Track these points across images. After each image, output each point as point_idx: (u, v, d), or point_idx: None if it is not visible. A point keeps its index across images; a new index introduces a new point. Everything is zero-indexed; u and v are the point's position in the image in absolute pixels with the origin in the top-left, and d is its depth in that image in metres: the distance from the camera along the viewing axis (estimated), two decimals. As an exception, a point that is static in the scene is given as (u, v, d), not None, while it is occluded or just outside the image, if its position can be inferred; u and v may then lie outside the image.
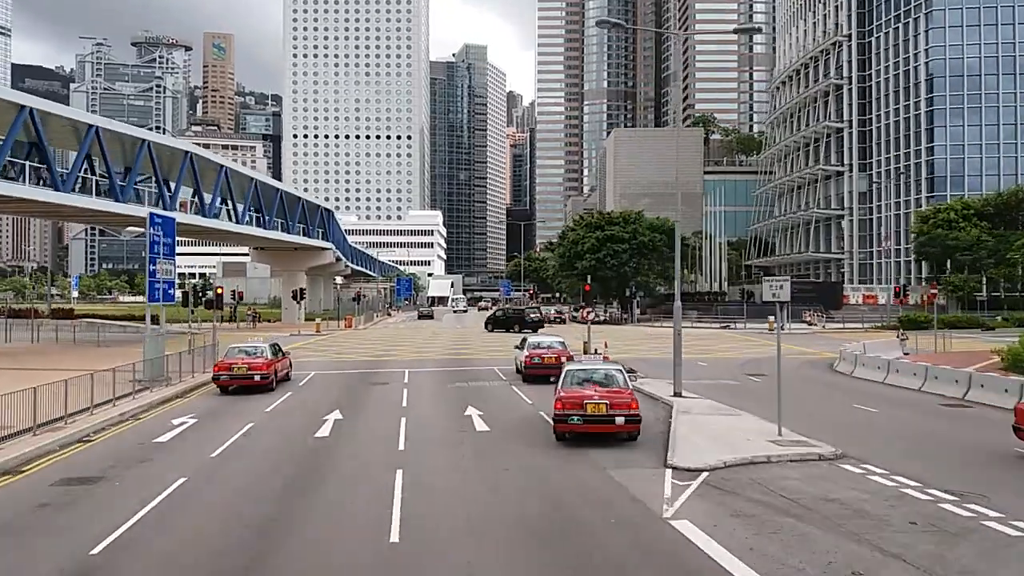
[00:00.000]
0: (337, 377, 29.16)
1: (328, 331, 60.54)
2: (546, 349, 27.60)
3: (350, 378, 28.85)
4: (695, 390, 23.75)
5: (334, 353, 39.86)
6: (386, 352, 40.29)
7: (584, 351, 33.83)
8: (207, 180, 52.23)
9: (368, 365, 33.50)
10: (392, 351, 41.04)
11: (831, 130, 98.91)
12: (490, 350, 40.96)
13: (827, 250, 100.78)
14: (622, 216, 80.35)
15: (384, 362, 34.97)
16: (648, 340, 49.26)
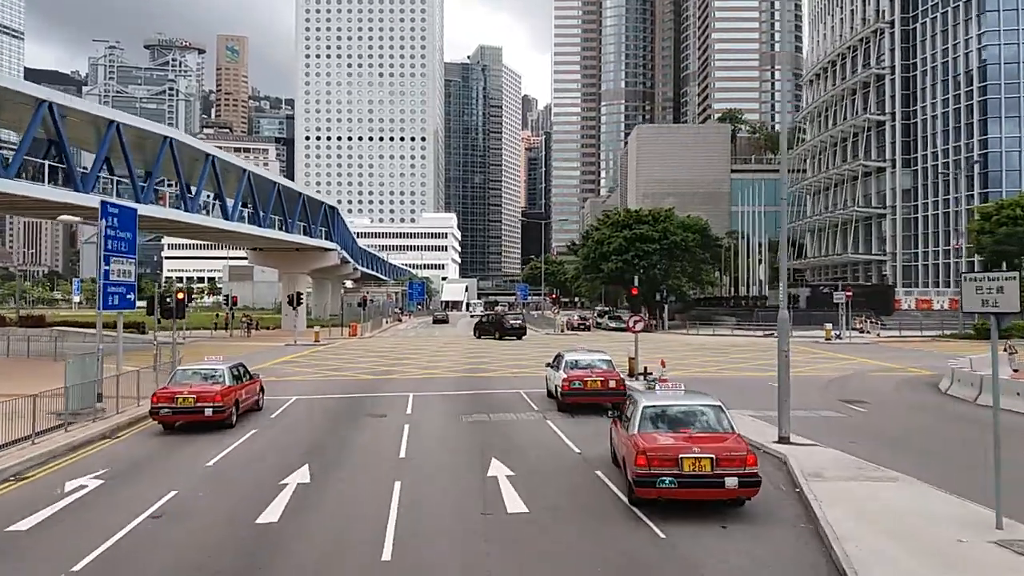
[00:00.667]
0: (323, 406, 23.11)
1: (329, 340, 54.65)
2: (588, 370, 21.46)
3: (339, 406, 22.82)
4: (793, 427, 17.50)
5: (329, 369, 33.84)
6: (390, 368, 34.23)
7: (631, 371, 27.72)
8: (192, 171, 46.51)
9: (365, 387, 27.45)
10: (397, 366, 34.99)
11: (871, 123, 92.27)
12: (511, 364, 34.90)
13: (866, 251, 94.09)
14: (651, 214, 74.07)
15: (386, 382, 28.92)
16: (693, 352, 42.97)
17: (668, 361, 35.68)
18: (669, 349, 44.14)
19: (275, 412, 21.70)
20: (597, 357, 22.52)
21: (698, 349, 45.09)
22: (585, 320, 72.89)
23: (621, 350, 42.95)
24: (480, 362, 36.59)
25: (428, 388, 26.75)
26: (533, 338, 58.45)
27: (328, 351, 44.85)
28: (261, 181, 54.35)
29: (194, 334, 61.15)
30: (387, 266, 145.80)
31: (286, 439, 17.85)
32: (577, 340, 55.42)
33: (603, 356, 22.73)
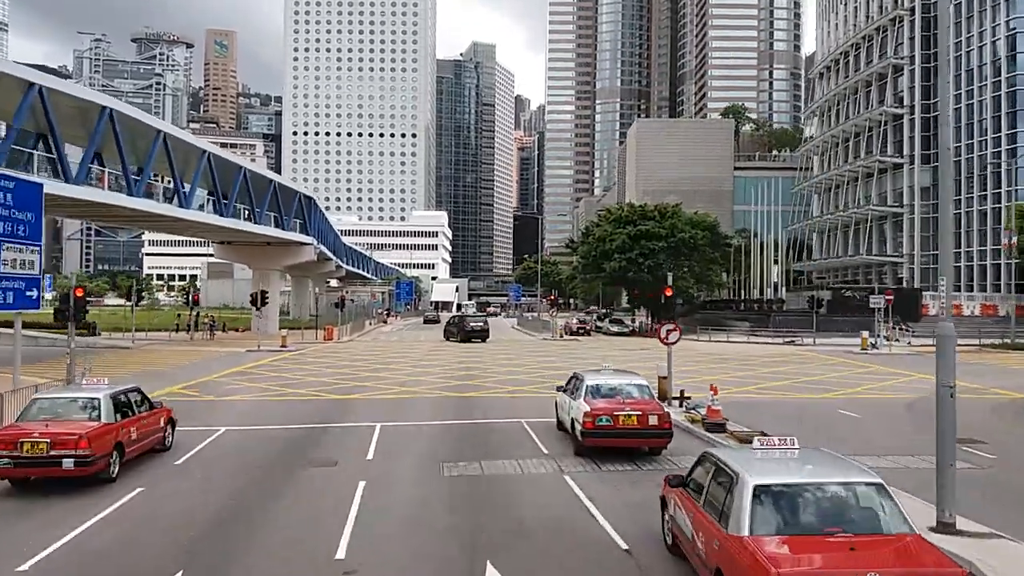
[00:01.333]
0: (257, 444, 17.11)
1: (301, 345, 48.58)
2: (619, 400, 15.46)
3: (278, 445, 16.83)
4: (906, 487, 11.44)
5: (286, 384, 27.82)
6: (361, 383, 28.23)
7: (661, 395, 21.83)
8: (140, 150, 40.44)
9: (323, 411, 21.48)
10: (371, 380, 29.00)
11: (888, 117, 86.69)
12: (507, 377, 28.99)
13: (880, 252, 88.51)
14: (657, 210, 68.26)
15: (351, 405, 22.98)
16: (716, 364, 37.10)
17: (690, 375, 29.86)
18: (686, 359, 38.29)
19: (187, 454, 15.74)
20: (628, 381, 16.55)
21: (720, 360, 39.26)
22: (585, 323, 67.03)
23: (634, 360, 37.27)
24: (470, 374, 30.65)
25: (402, 414, 20.80)
26: (530, 344, 52.55)
27: (294, 358, 38.82)
28: (224, 164, 48.24)
29: (152, 336, 55.12)
30: (374, 264, 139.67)
31: (178, 506, 11.88)
32: (578, 346, 49.56)
33: (635, 379, 16.77)
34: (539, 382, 27.79)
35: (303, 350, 44.69)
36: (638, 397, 15.67)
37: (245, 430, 18.66)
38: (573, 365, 33.81)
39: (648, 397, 15.77)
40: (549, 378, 28.83)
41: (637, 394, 15.82)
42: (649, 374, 27.26)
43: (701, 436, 17.40)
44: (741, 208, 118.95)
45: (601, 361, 37.75)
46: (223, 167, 48.34)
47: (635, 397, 15.65)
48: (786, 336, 55.21)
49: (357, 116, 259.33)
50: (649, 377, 26.22)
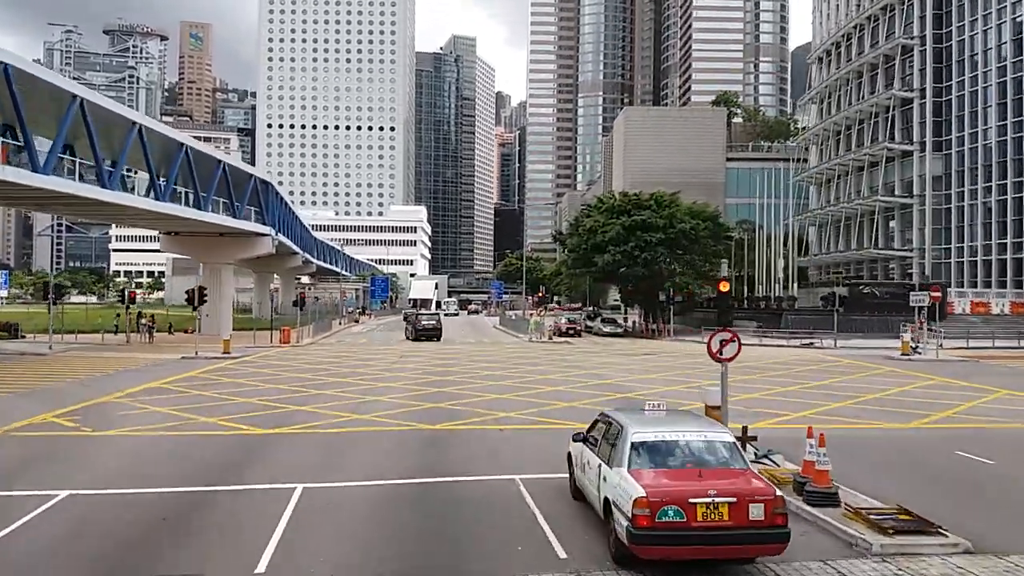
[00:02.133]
0: (96, 525, 10.53)
1: (250, 349, 41.87)
2: (692, 473, 8.84)
3: (122, 532, 10.20)
4: None
5: (196, 410, 21.04)
6: (301, 405, 21.56)
7: (743, 441, 15.21)
8: (48, 118, 33.62)
9: (226, 459, 14.80)
10: (313, 402, 22.31)
11: (896, 102, 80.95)
12: (493, 398, 22.39)
13: (886, 246, 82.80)
14: (653, 199, 62.01)
15: (271, 444, 16.36)
16: (742, 374, 30.72)
17: (692, 381, 23.57)
18: (700, 368, 32.00)
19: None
20: (700, 433, 9.81)
21: (744, 369, 32.84)
22: (575, 324, 60.69)
23: (644, 369, 30.87)
24: (444, 392, 24.06)
25: (341, 466, 14.20)
26: (515, 347, 46.03)
27: (232, 369, 32.09)
28: (161, 141, 41.36)
29: (82, 340, 48.20)
30: (348, 260, 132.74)
31: None
32: (571, 350, 43.13)
33: (711, 429, 10.13)
34: (533, 405, 21.36)
35: (250, 356, 37.97)
36: (722, 463, 9.25)
37: (96, 496, 12.08)
38: (571, 377, 27.41)
39: (741, 465, 9.30)
40: (545, 398, 22.42)
41: (719, 457, 9.38)
42: (671, 393, 21.02)
43: (800, 512, 11.00)
44: (734, 201, 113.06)
45: (603, 370, 31.60)
46: (160, 143, 41.52)
47: (716, 463, 9.23)
48: (801, 337, 49.13)
49: (334, 109, 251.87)
50: (673, 397, 19.98)
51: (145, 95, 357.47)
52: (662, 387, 25.30)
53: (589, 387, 25.26)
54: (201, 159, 45.80)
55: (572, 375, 28.90)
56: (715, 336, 15.21)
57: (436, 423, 18.48)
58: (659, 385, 25.68)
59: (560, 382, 26.61)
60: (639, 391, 23.91)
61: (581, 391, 24.20)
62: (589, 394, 23.38)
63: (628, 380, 27.18)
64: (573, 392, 23.93)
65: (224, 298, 55.08)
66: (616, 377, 28.37)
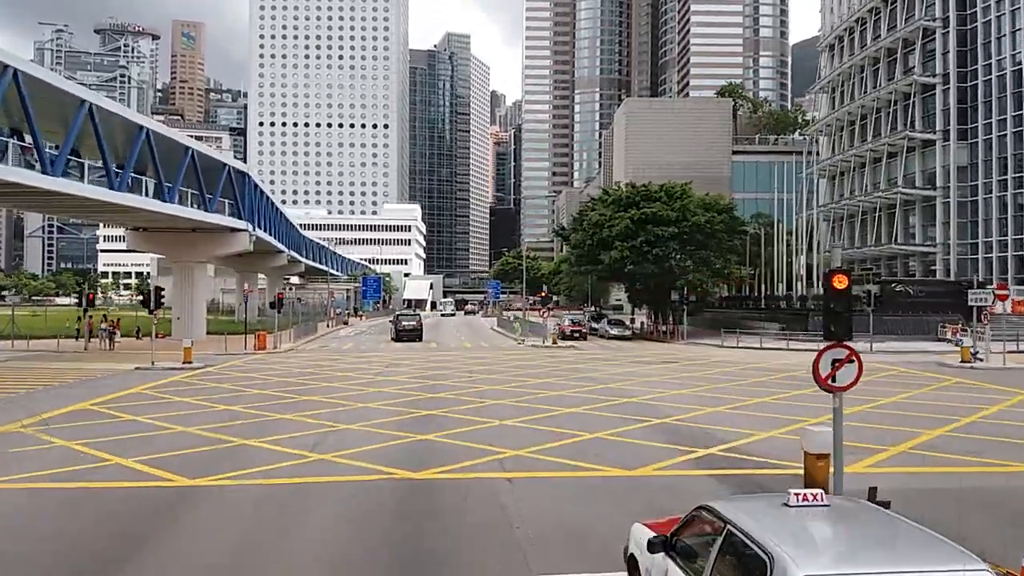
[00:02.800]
0: None
1: (218, 357, 37.10)
2: None
3: None
4: None
5: (108, 449, 16.18)
6: (249, 438, 16.76)
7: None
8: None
9: (96, 550, 10.09)
10: (267, 434, 17.50)
11: (917, 88, 76.31)
12: (496, 424, 17.51)
13: (906, 241, 78.12)
14: (664, 190, 57.30)
15: (187, 508, 11.56)
16: (783, 386, 25.91)
17: (768, 408, 18.83)
18: (751, 383, 27.29)
19: None
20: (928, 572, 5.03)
21: (794, 381, 28.10)
22: (580, 326, 55.90)
23: (663, 381, 25.59)
24: (434, 417, 19.18)
25: (265, 566, 9.54)
26: (516, 353, 41.20)
27: (185, 384, 27.22)
28: (115, 121, 36.47)
29: (38, 346, 43.44)
30: (339, 259, 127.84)
31: None
32: (578, 356, 38.31)
33: (947, 558, 5.28)
34: (548, 435, 16.56)
35: (215, 367, 33.13)
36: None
37: None
38: (588, 394, 22.54)
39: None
40: (563, 425, 17.61)
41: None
42: (705, 416, 16.19)
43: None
44: (740, 195, 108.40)
45: (624, 384, 26.69)
46: (115, 125, 36.66)
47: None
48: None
49: (326, 106, 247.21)
50: (741, 426, 15.25)
51: (137, 95, 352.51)
52: (708, 408, 20.56)
53: (615, 409, 20.47)
54: (166, 145, 40.92)
55: (588, 391, 24.14)
56: (825, 353, 10.43)
57: (420, 467, 13.68)
58: (705, 407, 20.91)
59: (576, 400, 21.85)
60: (683, 416, 19.15)
61: (607, 415, 19.43)
62: (619, 420, 18.61)
63: (661, 399, 22.39)
64: (598, 417, 19.15)
65: (197, 300, 50.24)
66: (643, 393, 23.59)
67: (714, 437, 16.46)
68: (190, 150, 42.55)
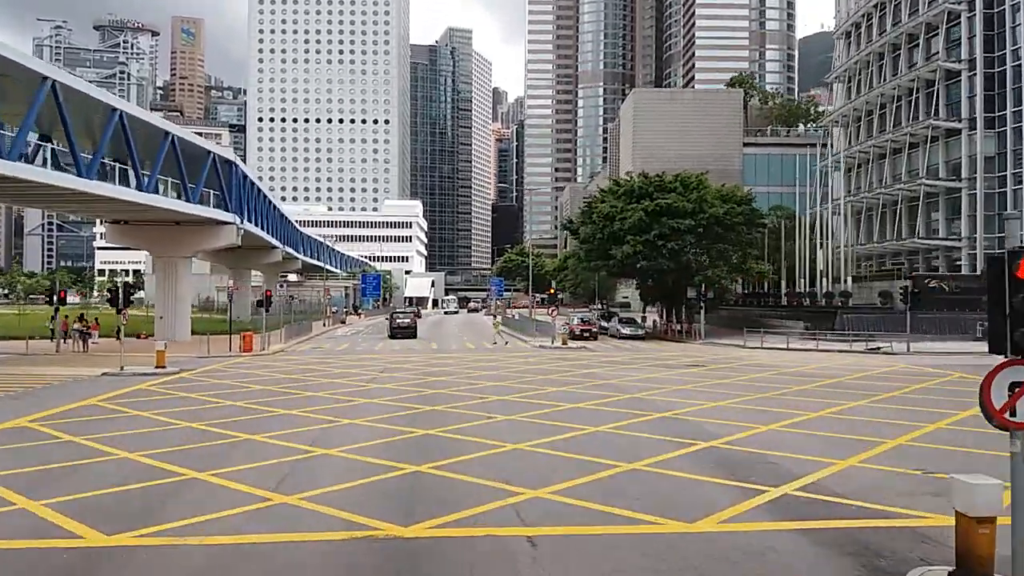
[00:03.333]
0: None
1: (199, 360, 33.83)
2: None
3: None
4: None
5: (21, 486, 12.89)
6: (196, 475, 13.44)
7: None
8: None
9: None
10: (222, 462, 14.28)
11: (942, 75, 72.77)
12: (505, 442, 14.10)
13: (928, 235, 74.61)
14: (679, 180, 53.96)
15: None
16: (844, 396, 22.52)
17: (829, 426, 15.48)
18: (793, 393, 23.92)
19: None
20: None
21: (837, 389, 24.73)
22: (590, 325, 52.53)
23: (695, 391, 21.88)
24: (431, 441, 15.83)
25: None
26: (524, 355, 37.86)
27: (151, 393, 23.91)
28: (83, 102, 33.14)
29: (6, 347, 40.24)
30: (338, 256, 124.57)
31: None
32: (591, 358, 34.94)
33: None
34: (574, 466, 13.23)
35: (190, 372, 29.85)
36: None
37: None
38: (613, 408, 19.09)
39: None
40: (590, 452, 14.19)
41: None
42: (759, 438, 12.77)
43: None
44: (751, 188, 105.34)
45: (651, 395, 23.12)
46: (83, 106, 33.34)
47: None
48: (862, 340, 41.12)
49: (326, 102, 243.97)
50: (770, 446, 11.86)
51: (137, 91, 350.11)
52: (758, 425, 17.22)
53: (648, 427, 17.11)
54: (142, 129, 37.60)
55: (611, 403, 20.81)
56: (1000, 373, 7.06)
57: (411, 517, 10.36)
58: (754, 424, 17.55)
59: (600, 416, 18.52)
60: (733, 438, 15.81)
61: (640, 435, 16.09)
62: (657, 443, 15.25)
63: (700, 414, 19.05)
64: (629, 439, 15.79)
65: (181, 298, 46.94)
66: (676, 406, 20.21)
67: (781, 468, 13.12)
68: (170, 135, 39.22)
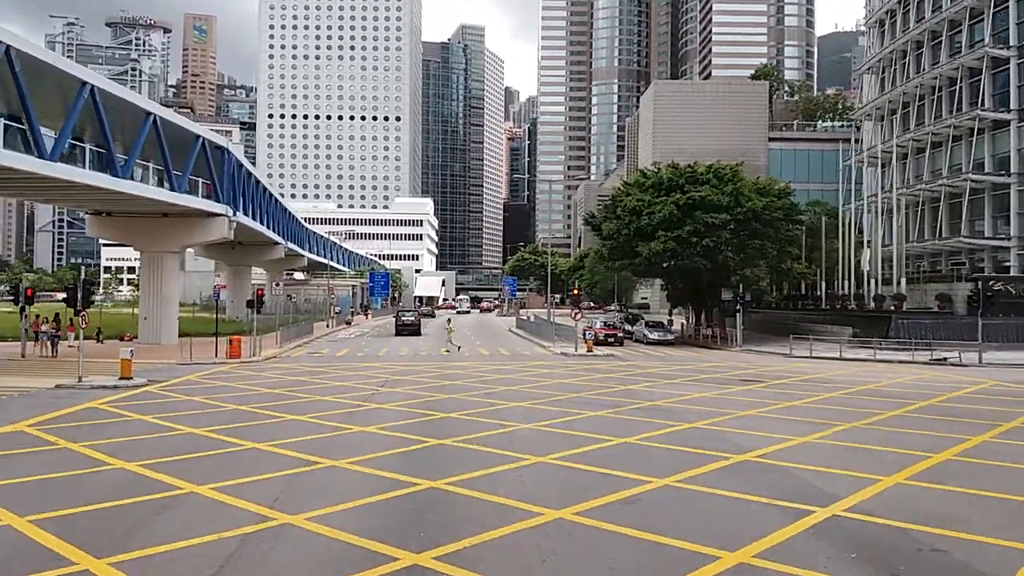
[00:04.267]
0: None
1: (178, 369, 29.64)
2: None
3: None
4: None
5: None
6: (109, 562, 9.22)
7: None
8: None
9: None
10: (156, 530, 10.06)
11: (988, 63, 67.88)
12: (535, 507, 9.88)
13: (972, 234, 69.73)
14: (713, 171, 49.46)
15: None
16: (956, 427, 18.01)
17: (979, 479, 10.97)
18: (876, 415, 19.40)
19: None
20: None
21: (941, 416, 20.21)
22: (615, 329, 48.04)
23: (753, 415, 17.49)
24: (439, 496, 11.64)
25: None
26: (547, 365, 33.44)
27: (102, 414, 19.60)
28: (43, 70, 28.93)
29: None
30: (345, 254, 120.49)
31: None
32: (627, 371, 30.42)
33: None
34: (653, 564, 8.86)
35: (158, 385, 25.59)
36: None
37: None
38: (674, 450, 14.09)
39: None
40: (663, 528, 9.65)
41: None
42: (898, 500, 8.53)
43: None
44: (789, 182, 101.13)
45: (707, 419, 18.65)
46: (44, 78, 29.14)
47: None
48: (925, 350, 36.54)
49: (337, 98, 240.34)
50: (922, 516, 7.15)
51: (148, 88, 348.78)
52: (880, 477, 12.77)
53: (730, 479, 12.66)
54: (119, 108, 33.38)
55: (667, 436, 16.37)
56: None
57: None
58: (873, 474, 13.07)
59: (659, 458, 14.08)
60: (860, 500, 11.39)
61: (726, 495, 11.64)
62: (756, 511, 10.83)
63: (790, 454, 14.57)
64: (713, 500, 11.38)
65: (167, 297, 42.77)
66: (755, 443, 15.67)
67: (955, 562, 8.70)
68: (151, 115, 34.95)
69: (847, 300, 52.57)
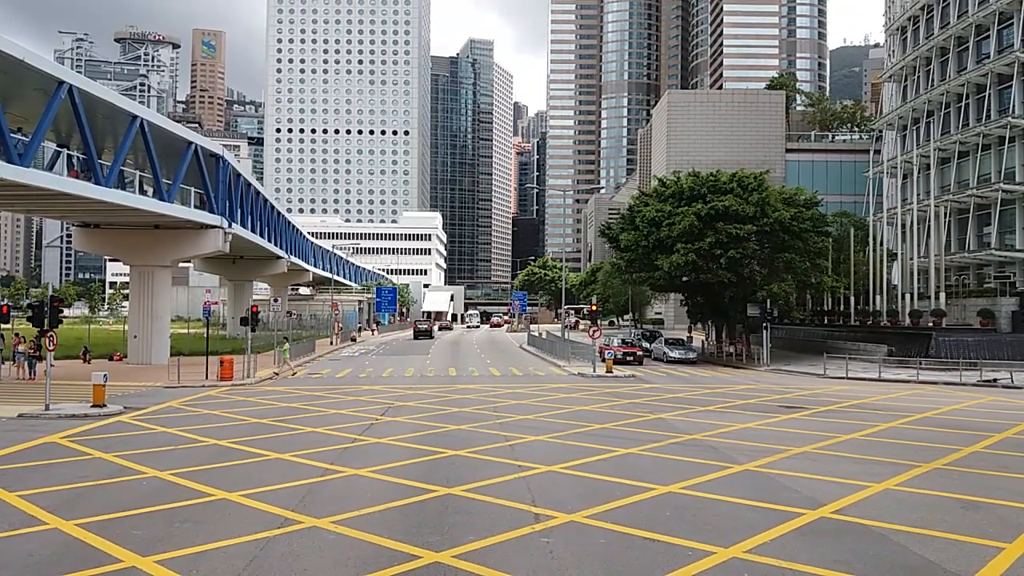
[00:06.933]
0: None
1: (164, 393, 27.06)
2: None
3: None
4: None
5: None
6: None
7: None
8: None
9: None
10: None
11: (1019, 68, 65.12)
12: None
13: (1002, 246, 66.75)
14: (736, 179, 46.81)
15: None
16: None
17: None
18: (951, 451, 16.66)
19: None
20: None
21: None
22: (633, 348, 45.29)
23: (808, 451, 15.10)
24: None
25: None
26: (564, 390, 30.74)
27: (59, 449, 17.00)
28: (17, 72, 26.56)
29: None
30: (352, 268, 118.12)
31: None
32: (654, 397, 27.68)
33: None
34: None
35: (139, 411, 23.04)
36: None
37: None
38: (728, 503, 10.99)
39: None
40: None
41: None
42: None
43: None
44: (816, 191, 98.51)
45: (756, 457, 15.67)
46: (17, 77, 26.77)
47: None
48: (970, 370, 33.69)
49: (345, 112, 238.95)
50: None
51: (157, 103, 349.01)
52: (1003, 544, 10.07)
53: (817, 542, 10.05)
54: (102, 111, 30.99)
55: (720, 484, 13.68)
56: None
57: None
58: (991, 538, 10.41)
59: (712, 516, 11.42)
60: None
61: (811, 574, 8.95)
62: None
63: (866, 510, 11.90)
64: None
65: (158, 314, 40.27)
66: (823, 491, 12.94)
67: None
68: (138, 119, 32.51)
69: (879, 316, 49.66)
